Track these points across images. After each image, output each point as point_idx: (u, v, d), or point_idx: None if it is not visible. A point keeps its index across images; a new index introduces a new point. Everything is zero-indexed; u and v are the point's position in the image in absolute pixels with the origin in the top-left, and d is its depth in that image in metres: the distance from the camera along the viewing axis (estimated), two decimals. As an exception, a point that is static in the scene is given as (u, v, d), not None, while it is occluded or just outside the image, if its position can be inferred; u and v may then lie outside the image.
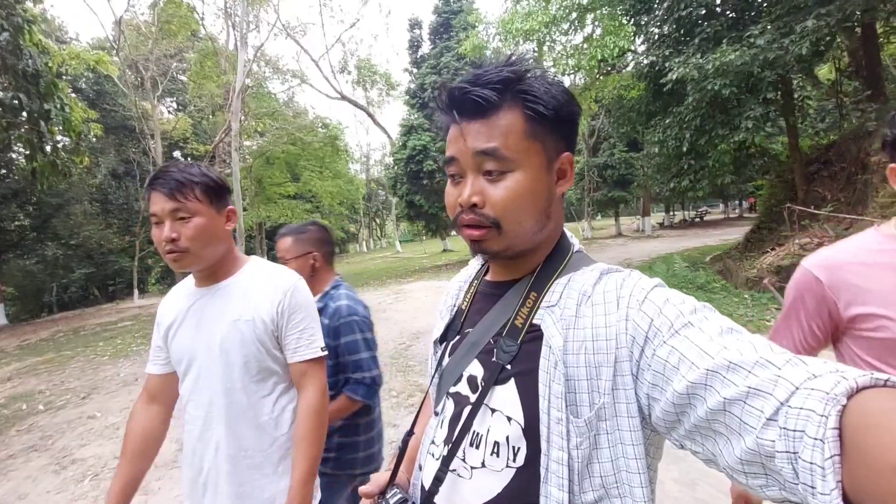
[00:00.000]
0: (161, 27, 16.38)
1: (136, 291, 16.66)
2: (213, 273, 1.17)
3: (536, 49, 13.32)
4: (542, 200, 0.65)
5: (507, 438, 0.62)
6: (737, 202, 35.90)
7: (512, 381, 0.63)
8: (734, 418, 0.44)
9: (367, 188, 38.95)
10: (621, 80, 12.69)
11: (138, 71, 16.94)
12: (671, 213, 32.63)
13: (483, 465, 0.63)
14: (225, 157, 17.53)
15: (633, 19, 10.41)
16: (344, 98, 21.85)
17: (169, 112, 24.63)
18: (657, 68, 8.87)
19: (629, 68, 12.73)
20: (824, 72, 10.19)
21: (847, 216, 6.65)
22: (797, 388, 0.40)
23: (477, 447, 0.64)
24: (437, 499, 0.66)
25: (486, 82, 0.60)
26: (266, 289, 1.17)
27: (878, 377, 0.38)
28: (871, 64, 9.24)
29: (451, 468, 0.66)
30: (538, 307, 0.65)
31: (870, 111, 8.02)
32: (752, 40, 7.05)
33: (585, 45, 11.59)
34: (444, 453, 0.67)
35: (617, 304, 0.59)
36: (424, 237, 42.21)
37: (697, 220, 32.15)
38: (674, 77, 7.55)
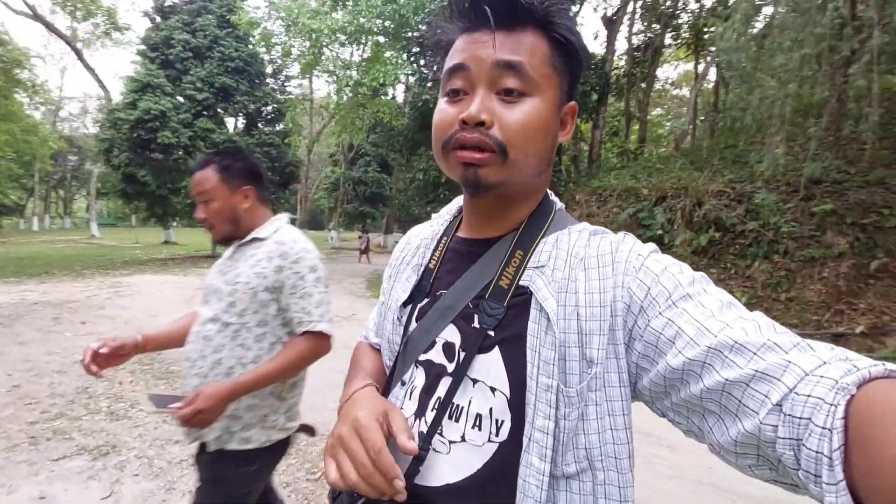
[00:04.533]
0: None
1: None
2: None
3: (314, 49, 13.13)
4: (550, 140, 0.61)
5: (491, 411, 0.57)
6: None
7: (496, 348, 0.58)
8: (733, 400, 0.43)
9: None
10: (387, 105, 13.77)
11: None
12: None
13: (463, 439, 0.58)
14: None
15: (410, 57, 11.64)
16: (37, 18, 16.00)
17: None
18: (430, 105, 10.29)
19: (399, 97, 13.83)
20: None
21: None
22: (806, 375, 0.39)
23: (456, 420, 0.58)
24: (416, 479, 0.57)
25: None
26: None
27: (892, 368, 0.37)
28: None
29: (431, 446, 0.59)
30: (525, 267, 0.60)
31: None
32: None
33: (364, 66, 12.16)
34: (424, 430, 0.59)
35: (612, 269, 0.56)
36: (135, 223, 33.84)
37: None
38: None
